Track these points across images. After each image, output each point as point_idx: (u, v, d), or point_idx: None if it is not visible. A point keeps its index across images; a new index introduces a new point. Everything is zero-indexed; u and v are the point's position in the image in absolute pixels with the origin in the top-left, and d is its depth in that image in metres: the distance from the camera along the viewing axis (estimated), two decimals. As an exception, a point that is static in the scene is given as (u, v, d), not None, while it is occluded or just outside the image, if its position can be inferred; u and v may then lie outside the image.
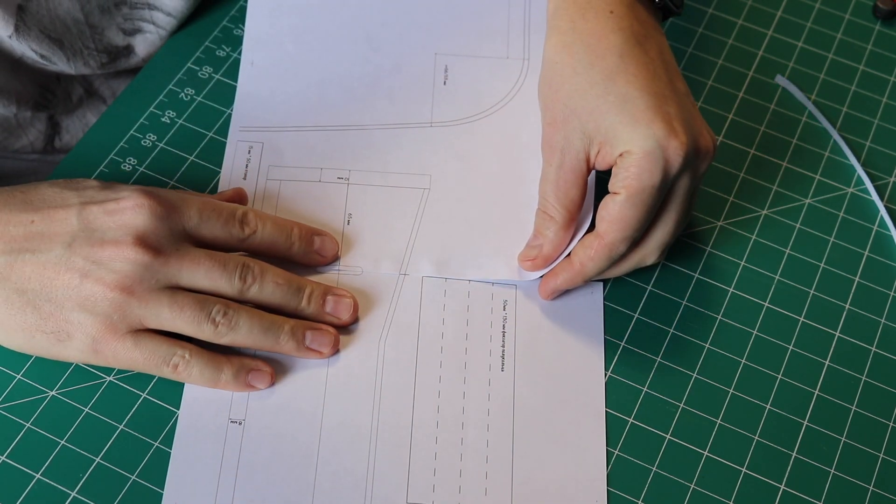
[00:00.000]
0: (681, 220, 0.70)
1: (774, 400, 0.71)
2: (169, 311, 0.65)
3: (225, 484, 0.64)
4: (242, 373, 0.67)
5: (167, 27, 0.82)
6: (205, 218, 0.67)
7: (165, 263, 0.65)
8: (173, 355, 0.66)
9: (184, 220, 0.66)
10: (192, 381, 0.66)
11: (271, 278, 0.67)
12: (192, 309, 0.65)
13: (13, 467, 0.65)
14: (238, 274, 0.66)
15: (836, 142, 0.82)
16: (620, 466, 0.68)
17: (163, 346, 0.65)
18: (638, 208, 0.67)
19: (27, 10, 0.74)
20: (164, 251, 0.65)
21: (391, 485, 0.65)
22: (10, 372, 0.68)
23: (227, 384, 0.67)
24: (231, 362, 0.67)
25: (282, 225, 0.70)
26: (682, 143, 0.67)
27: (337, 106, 0.79)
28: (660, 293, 0.74)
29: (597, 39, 0.70)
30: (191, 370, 0.66)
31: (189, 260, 0.65)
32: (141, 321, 0.65)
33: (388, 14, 0.83)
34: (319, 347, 0.68)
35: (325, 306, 0.69)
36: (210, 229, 0.67)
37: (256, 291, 0.67)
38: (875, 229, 0.78)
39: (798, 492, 0.68)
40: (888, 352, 0.73)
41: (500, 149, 0.78)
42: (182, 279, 0.65)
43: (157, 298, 0.64)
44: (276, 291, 0.68)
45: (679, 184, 0.68)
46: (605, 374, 0.71)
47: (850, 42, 0.87)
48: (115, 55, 0.80)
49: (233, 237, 0.68)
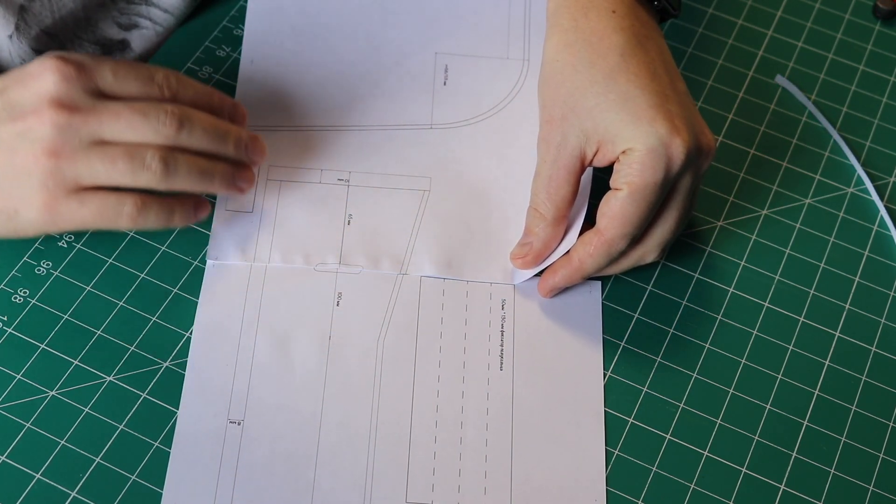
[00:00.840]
0: (681, 218, 0.70)
1: (774, 400, 0.71)
2: (101, 164, 0.65)
3: (224, 484, 0.64)
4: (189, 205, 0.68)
5: (164, 24, 0.81)
6: (120, 77, 0.66)
7: (85, 120, 0.64)
8: (124, 204, 0.65)
9: (97, 80, 0.66)
10: (148, 225, 0.66)
11: (199, 123, 0.67)
12: (125, 159, 0.65)
13: (13, 467, 0.65)
14: (168, 120, 0.66)
15: (836, 142, 0.82)
16: (620, 466, 0.67)
17: (110, 198, 0.65)
18: (639, 205, 0.67)
19: (29, 11, 0.74)
20: (82, 108, 0.65)
21: (390, 484, 0.65)
22: (10, 372, 0.68)
23: (179, 222, 0.68)
24: (181, 203, 0.68)
25: (203, 89, 0.69)
26: (684, 140, 0.67)
27: (337, 106, 0.79)
28: (660, 293, 0.74)
29: (598, 38, 0.70)
30: (148, 215, 0.66)
31: (109, 113, 0.65)
32: (76, 180, 0.65)
33: (388, 13, 0.83)
34: (243, 185, 0.70)
35: (247, 151, 0.70)
36: (126, 89, 0.66)
37: (186, 138, 0.66)
38: (875, 229, 0.78)
39: (798, 492, 0.68)
40: (888, 352, 0.73)
41: (499, 151, 0.78)
42: (105, 133, 0.65)
43: (86, 155, 0.65)
44: (204, 137, 0.67)
45: (681, 182, 0.69)
46: (604, 373, 0.71)
47: (850, 42, 0.87)
48: (109, 48, 0.80)
49: (150, 98, 0.67)
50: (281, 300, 0.71)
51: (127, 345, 0.69)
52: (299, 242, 0.73)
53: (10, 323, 0.69)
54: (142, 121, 0.65)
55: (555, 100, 0.70)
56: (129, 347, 0.69)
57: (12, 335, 0.69)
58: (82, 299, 0.70)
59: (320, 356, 0.69)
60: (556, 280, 0.71)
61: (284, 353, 0.69)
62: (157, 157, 0.65)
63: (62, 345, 0.69)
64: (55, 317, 0.70)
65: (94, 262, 0.72)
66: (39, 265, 0.72)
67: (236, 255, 0.72)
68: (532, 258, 0.71)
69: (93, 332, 0.69)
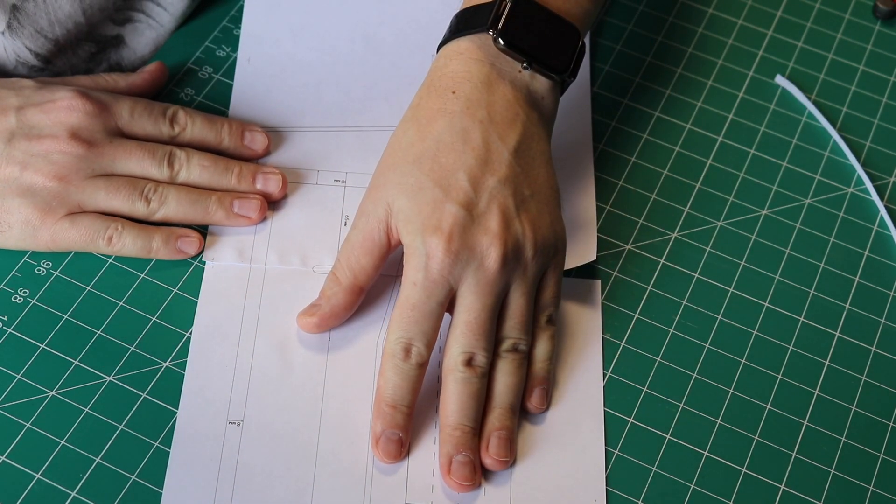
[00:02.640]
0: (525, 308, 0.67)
1: (774, 400, 0.71)
2: (105, 192, 0.70)
3: (224, 484, 0.64)
4: (172, 239, 0.71)
5: (159, 19, 0.81)
6: (136, 115, 0.72)
7: (99, 154, 0.70)
8: (107, 228, 0.70)
9: (115, 118, 0.72)
10: (126, 251, 0.71)
11: (197, 161, 0.72)
12: (126, 188, 0.70)
13: (13, 467, 0.65)
14: (166, 160, 0.71)
15: (836, 142, 0.82)
16: (620, 466, 0.67)
17: (96, 221, 0.70)
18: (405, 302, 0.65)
19: (22, 10, 0.74)
20: (97, 144, 0.70)
21: (390, 485, 0.65)
22: (10, 372, 0.68)
23: (159, 251, 0.71)
24: (161, 230, 0.71)
25: (212, 122, 0.74)
26: (444, 241, 0.64)
27: (334, 107, 0.79)
28: (660, 293, 0.74)
29: (427, 119, 0.68)
30: (124, 241, 0.70)
31: (122, 150, 0.71)
32: (79, 204, 0.70)
33: (385, 14, 0.83)
34: (248, 213, 0.72)
35: (255, 183, 0.73)
36: (141, 126, 0.72)
37: (185, 175, 0.72)
38: (875, 229, 0.78)
39: (798, 492, 0.68)
40: (888, 352, 0.73)
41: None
42: (115, 168, 0.71)
43: (93, 183, 0.70)
44: (204, 173, 0.72)
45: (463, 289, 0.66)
46: (604, 373, 0.71)
47: (850, 42, 0.87)
48: (104, 45, 0.80)
49: (163, 134, 0.73)
50: (281, 301, 0.71)
51: (127, 345, 0.69)
52: (296, 244, 0.73)
53: (10, 323, 0.69)
54: (149, 159, 0.71)
55: (380, 168, 0.69)
56: (129, 347, 0.69)
57: (12, 335, 0.69)
58: (82, 299, 0.71)
59: (319, 356, 0.69)
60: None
61: (284, 353, 0.69)
62: (152, 187, 0.70)
63: (62, 345, 0.69)
64: (55, 317, 0.70)
65: (94, 262, 0.72)
66: (39, 265, 0.72)
67: (233, 257, 0.72)
68: (317, 321, 0.69)
69: (93, 332, 0.69)
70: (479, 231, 0.65)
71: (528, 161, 0.68)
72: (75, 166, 0.69)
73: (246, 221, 0.73)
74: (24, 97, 0.71)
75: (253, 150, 0.75)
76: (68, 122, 0.70)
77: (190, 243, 0.72)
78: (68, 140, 0.69)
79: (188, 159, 0.72)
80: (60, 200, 0.69)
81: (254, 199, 0.73)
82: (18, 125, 0.70)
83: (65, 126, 0.70)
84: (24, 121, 0.70)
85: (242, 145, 0.75)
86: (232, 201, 0.72)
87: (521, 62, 0.69)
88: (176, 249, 0.71)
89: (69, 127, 0.70)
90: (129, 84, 0.76)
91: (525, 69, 0.69)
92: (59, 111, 0.70)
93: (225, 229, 0.73)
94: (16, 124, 0.70)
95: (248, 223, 0.73)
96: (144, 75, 0.77)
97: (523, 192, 0.67)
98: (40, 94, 0.71)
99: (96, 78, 0.76)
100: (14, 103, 0.70)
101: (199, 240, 0.72)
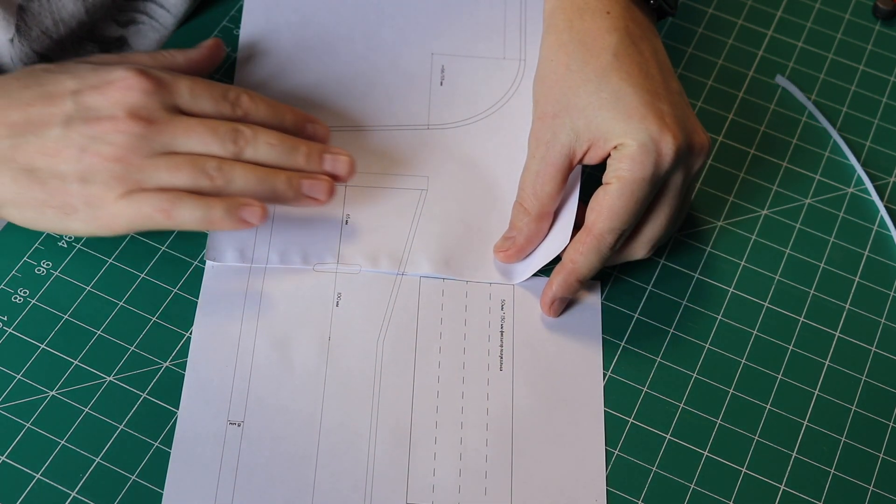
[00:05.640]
0: (672, 216, 0.71)
1: (774, 400, 0.71)
2: (166, 171, 0.67)
3: (224, 485, 0.64)
4: (234, 207, 0.67)
5: (161, 21, 0.81)
6: (196, 95, 0.69)
7: (159, 132, 0.67)
8: (163, 200, 0.67)
9: (174, 96, 0.68)
10: (184, 223, 0.67)
11: (264, 139, 0.69)
12: (188, 166, 0.67)
13: (13, 467, 0.65)
14: (230, 138, 0.68)
15: (836, 142, 0.82)
16: (620, 466, 0.67)
17: (153, 195, 0.67)
18: (628, 199, 0.68)
19: (28, 11, 0.74)
20: (157, 122, 0.67)
21: (390, 485, 0.65)
22: (10, 372, 0.68)
23: (222, 220, 0.67)
24: (222, 199, 0.67)
25: (275, 108, 0.71)
26: (675, 138, 0.68)
27: (334, 106, 0.79)
28: (660, 293, 0.74)
29: (592, 38, 0.71)
30: (182, 211, 0.67)
31: (182, 127, 0.68)
32: (139, 184, 0.67)
33: (384, 13, 0.83)
34: (317, 195, 0.70)
35: (323, 164, 0.71)
36: (200, 106, 0.69)
37: (251, 153, 0.68)
38: (875, 229, 0.78)
39: (798, 492, 0.68)
40: (888, 352, 0.73)
41: (497, 150, 0.78)
42: (176, 146, 0.67)
43: (154, 163, 0.67)
44: (271, 151, 0.69)
45: (671, 180, 0.69)
46: (604, 373, 0.71)
47: (850, 42, 0.87)
48: (107, 46, 0.80)
49: (224, 116, 0.70)
50: (280, 301, 0.71)
51: (127, 345, 0.69)
52: (297, 243, 0.73)
53: (10, 323, 0.69)
54: (211, 136, 0.68)
55: (548, 97, 0.71)
56: (129, 347, 0.69)
57: (12, 335, 0.69)
58: (82, 299, 0.70)
59: (320, 357, 0.69)
60: (554, 290, 0.71)
61: (284, 353, 0.69)
62: (216, 165, 0.67)
63: (62, 345, 0.69)
64: (55, 317, 0.70)
65: (94, 262, 0.72)
66: (39, 265, 0.72)
67: (234, 257, 0.72)
68: (514, 252, 0.72)
69: (93, 332, 0.69)
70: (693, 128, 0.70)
71: None
72: (134, 145, 0.66)
73: (314, 203, 0.70)
74: (80, 80, 0.68)
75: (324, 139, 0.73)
76: (126, 101, 0.67)
77: (253, 212, 0.67)
78: (126, 119, 0.67)
79: (254, 136, 0.69)
80: (120, 180, 0.66)
81: (324, 180, 0.70)
82: (76, 108, 0.67)
83: (123, 106, 0.67)
84: (82, 103, 0.67)
85: (304, 137, 0.72)
86: (301, 181, 0.69)
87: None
88: (239, 219, 0.67)
89: (127, 106, 0.67)
90: (186, 59, 0.74)
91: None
92: (116, 91, 0.67)
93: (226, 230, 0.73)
94: (73, 108, 0.67)
95: (316, 205, 0.70)
96: (203, 50, 0.75)
97: None
98: (97, 75, 0.68)
99: (155, 54, 0.74)
100: (71, 86, 0.68)
101: (262, 208, 0.68)
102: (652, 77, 0.70)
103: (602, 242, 0.69)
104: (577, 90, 0.70)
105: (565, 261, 0.70)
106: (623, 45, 0.70)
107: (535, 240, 0.72)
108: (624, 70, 0.69)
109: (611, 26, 0.71)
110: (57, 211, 0.67)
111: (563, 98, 0.70)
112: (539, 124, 0.71)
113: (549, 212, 0.71)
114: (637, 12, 0.73)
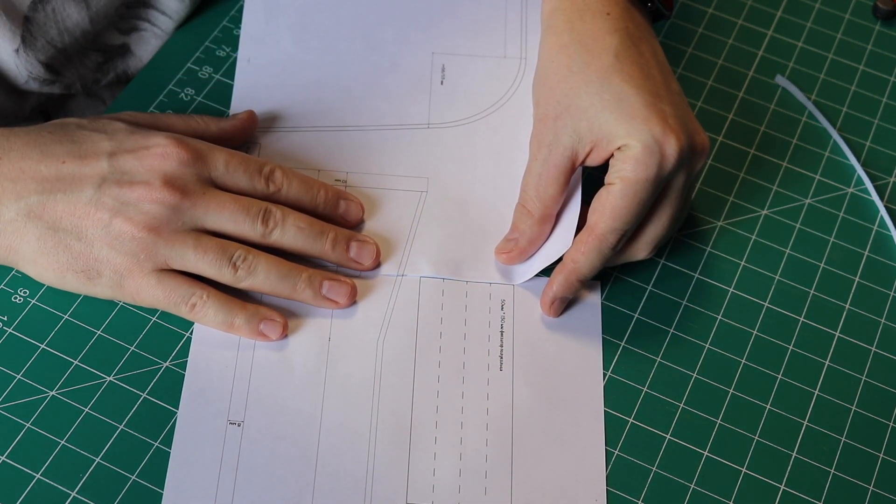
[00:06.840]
0: (674, 217, 0.71)
1: (774, 400, 0.71)
2: (193, 252, 0.67)
3: (224, 485, 0.64)
4: (255, 319, 0.68)
5: (163, 27, 0.82)
6: (231, 169, 0.69)
7: (192, 205, 0.67)
8: (192, 295, 0.68)
9: (210, 169, 0.68)
10: (207, 321, 0.68)
11: (293, 222, 0.69)
12: (215, 252, 0.67)
13: (13, 467, 0.65)
14: (260, 217, 0.68)
15: (836, 142, 0.82)
16: (620, 466, 0.67)
17: (183, 285, 0.67)
18: (631, 200, 0.68)
19: (34, 21, 0.74)
20: (191, 194, 0.67)
21: (390, 485, 0.65)
22: (10, 372, 0.68)
23: (240, 328, 0.68)
24: (245, 308, 0.68)
25: (308, 185, 0.71)
26: (678, 139, 0.68)
27: (334, 106, 0.79)
28: (660, 293, 0.74)
29: (593, 40, 0.71)
30: (206, 311, 0.68)
31: (215, 203, 0.68)
32: (166, 261, 0.67)
33: (384, 12, 0.83)
34: (336, 297, 0.70)
35: (349, 251, 0.71)
36: (235, 181, 0.69)
37: (279, 235, 0.69)
38: (875, 229, 0.78)
39: (798, 492, 0.68)
40: (888, 352, 0.73)
41: (497, 150, 0.78)
42: (207, 222, 0.68)
43: (183, 240, 0.67)
44: (299, 235, 0.69)
45: (674, 181, 0.69)
46: (604, 373, 0.71)
47: (850, 42, 0.87)
48: (111, 54, 0.80)
49: (257, 192, 0.70)
50: (281, 301, 0.71)
51: (127, 345, 0.69)
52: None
53: (10, 323, 0.69)
54: (243, 215, 0.68)
55: (549, 99, 0.70)
56: (129, 347, 0.69)
57: (12, 335, 0.69)
58: (82, 299, 0.70)
59: (320, 357, 0.69)
60: (555, 290, 0.71)
61: (284, 353, 0.69)
62: (242, 254, 0.68)
63: (62, 345, 0.69)
64: (55, 317, 0.70)
65: (93, 262, 0.72)
66: (39, 265, 0.71)
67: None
68: (516, 254, 0.72)
69: (93, 332, 0.69)
70: (694, 129, 0.70)
71: None
72: (167, 217, 0.66)
73: (333, 305, 0.70)
74: (116, 142, 0.68)
75: (346, 222, 0.73)
76: (162, 169, 0.67)
77: (273, 328, 0.68)
78: (161, 187, 0.66)
79: (283, 219, 0.69)
80: (148, 254, 0.66)
81: (345, 283, 0.70)
82: (110, 170, 0.67)
83: (158, 173, 0.67)
84: (117, 166, 0.67)
85: (336, 214, 0.72)
86: (322, 282, 0.69)
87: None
88: (257, 331, 0.68)
89: (163, 174, 0.67)
90: (219, 129, 0.74)
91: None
92: (153, 158, 0.67)
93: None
94: (108, 169, 0.67)
95: (334, 307, 0.70)
96: (235, 122, 0.75)
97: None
98: (133, 139, 0.68)
99: (188, 119, 0.73)
100: (106, 148, 0.67)
101: (283, 325, 0.69)
102: (653, 78, 0.70)
103: (604, 243, 0.69)
104: (579, 91, 0.69)
105: (566, 260, 0.70)
106: (624, 47, 0.70)
107: (537, 242, 0.72)
108: (626, 71, 0.69)
109: (611, 27, 0.71)
110: (80, 275, 0.67)
111: (564, 99, 0.70)
112: (541, 126, 0.71)
113: (552, 214, 0.71)
114: (636, 14, 0.73)
